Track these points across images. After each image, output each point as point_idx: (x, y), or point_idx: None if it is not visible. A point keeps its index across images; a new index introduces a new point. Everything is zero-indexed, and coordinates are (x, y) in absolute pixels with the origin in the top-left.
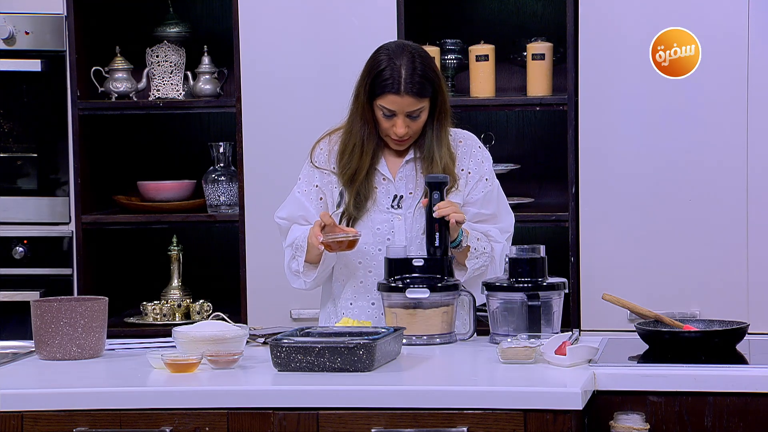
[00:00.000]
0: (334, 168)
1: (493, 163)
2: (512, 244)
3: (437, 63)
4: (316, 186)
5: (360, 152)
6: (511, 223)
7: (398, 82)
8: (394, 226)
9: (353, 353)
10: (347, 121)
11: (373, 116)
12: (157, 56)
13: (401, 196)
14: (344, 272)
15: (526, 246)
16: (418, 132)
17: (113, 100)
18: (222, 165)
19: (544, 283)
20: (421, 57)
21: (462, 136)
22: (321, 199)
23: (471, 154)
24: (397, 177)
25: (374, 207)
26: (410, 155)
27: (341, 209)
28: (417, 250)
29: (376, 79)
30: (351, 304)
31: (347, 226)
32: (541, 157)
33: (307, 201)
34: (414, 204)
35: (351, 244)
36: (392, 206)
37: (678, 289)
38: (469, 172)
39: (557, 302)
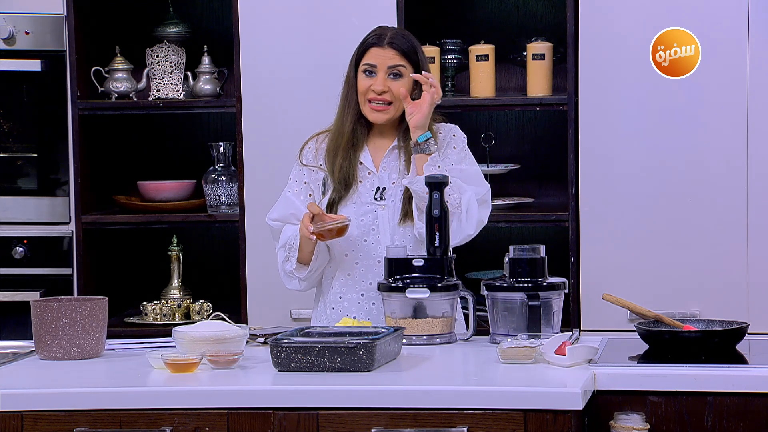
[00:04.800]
0: (321, 164)
1: (494, 162)
2: (512, 244)
3: (437, 63)
4: (305, 183)
5: (342, 121)
6: (487, 190)
7: (382, 37)
8: (378, 216)
9: (353, 353)
10: (338, 108)
11: (357, 85)
12: (157, 56)
13: (384, 188)
14: (331, 266)
15: (526, 246)
16: (397, 99)
17: (113, 100)
18: (222, 165)
19: (544, 283)
20: (407, 32)
21: (442, 128)
22: (310, 195)
23: (447, 144)
24: (381, 168)
25: (358, 199)
26: (395, 143)
27: (327, 197)
28: (401, 239)
29: (361, 45)
30: (340, 297)
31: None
32: (541, 157)
33: (297, 199)
34: (397, 194)
35: (341, 230)
36: (375, 198)
37: (678, 289)
38: (447, 158)
39: (557, 302)
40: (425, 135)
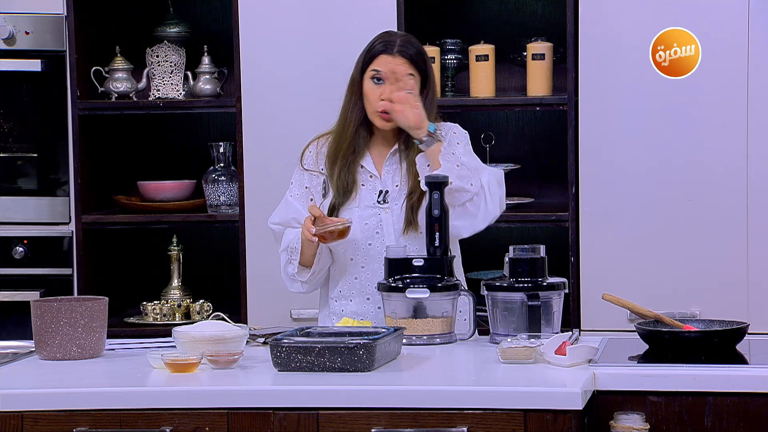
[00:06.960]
0: (322, 169)
1: (494, 162)
2: (512, 244)
3: (437, 63)
4: (306, 188)
5: (344, 126)
6: (502, 173)
7: (392, 45)
8: (382, 219)
9: (353, 353)
10: (341, 111)
11: (362, 91)
12: (157, 56)
13: (387, 191)
14: (337, 271)
15: (526, 246)
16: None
17: (113, 100)
18: (222, 165)
19: (544, 283)
20: (412, 37)
21: (442, 127)
22: (311, 200)
23: (450, 142)
24: (384, 172)
25: (361, 203)
26: (396, 147)
27: (327, 199)
28: (406, 241)
29: (369, 50)
30: (351, 301)
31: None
32: (541, 157)
33: (299, 204)
34: (400, 197)
35: (343, 232)
36: (378, 202)
37: (678, 289)
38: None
39: (557, 302)
40: (433, 125)
